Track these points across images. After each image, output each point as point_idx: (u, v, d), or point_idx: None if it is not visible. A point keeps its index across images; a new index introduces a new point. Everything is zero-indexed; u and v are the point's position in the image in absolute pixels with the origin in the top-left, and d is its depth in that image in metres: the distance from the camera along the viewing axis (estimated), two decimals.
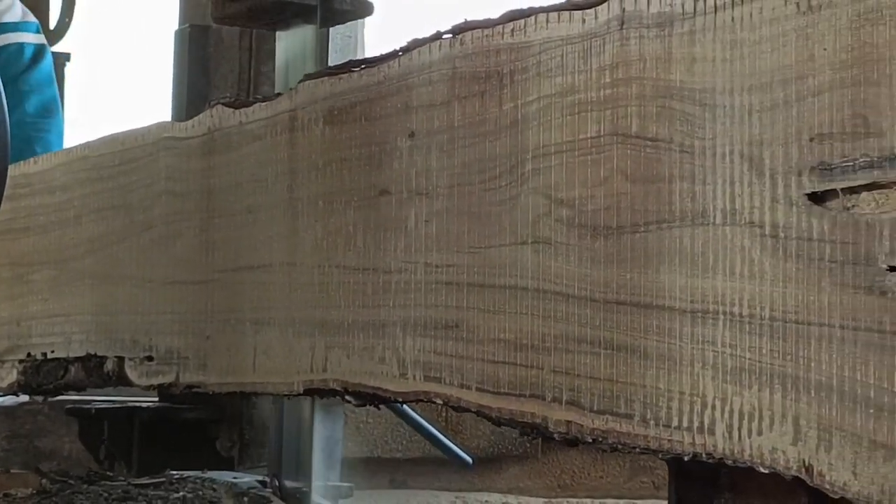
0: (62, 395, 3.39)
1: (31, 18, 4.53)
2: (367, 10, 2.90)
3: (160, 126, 2.78)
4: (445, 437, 3.43)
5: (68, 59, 6.14)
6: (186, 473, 3.13)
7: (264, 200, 2.37)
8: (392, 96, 2.04)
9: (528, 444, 3.97)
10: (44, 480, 3.15)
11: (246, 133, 2.44)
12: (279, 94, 2.38)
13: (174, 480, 3.06)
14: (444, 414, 3.61)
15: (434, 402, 1.96)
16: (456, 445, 3.47)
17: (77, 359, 3.04)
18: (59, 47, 5.95)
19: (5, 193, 2.39)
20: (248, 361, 2.40)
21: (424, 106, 1.97)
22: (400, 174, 2.02)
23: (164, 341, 2.70)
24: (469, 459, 3.51)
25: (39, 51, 4.40)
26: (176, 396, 3.34)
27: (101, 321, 2.94)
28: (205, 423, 3.41)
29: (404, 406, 3.38)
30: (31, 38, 4.35)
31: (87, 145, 3.12)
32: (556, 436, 1.71)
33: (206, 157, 2.57)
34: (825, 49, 1.35)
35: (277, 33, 3.00)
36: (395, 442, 3.81)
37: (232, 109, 2.49)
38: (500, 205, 1.80)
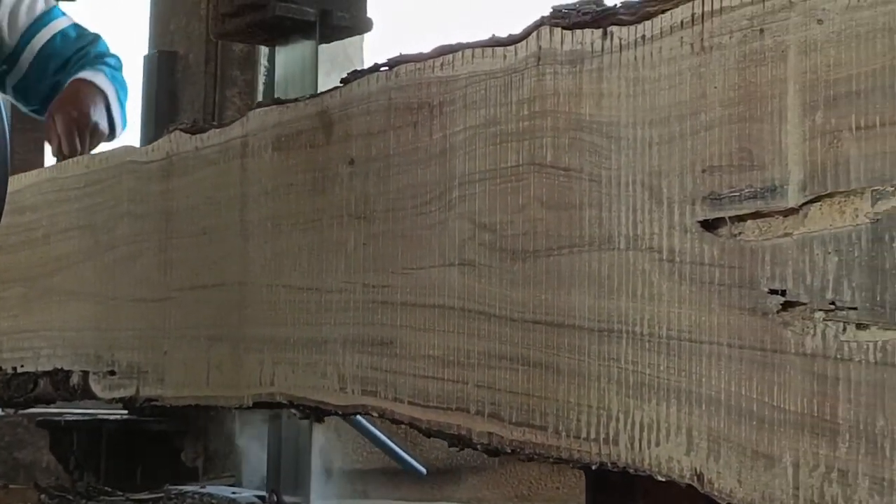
0: (32, 407, 3.45)
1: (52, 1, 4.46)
2: (365, 26, 2.93)
3: (123, 150, 2.86)
4: (400, 448, 3.49)
5: None
6: (185, 488, 3.15)
7: (218, 222, 2.45)
8: (335, 124, 2.12)
9: (486, 456, 4.04)
10: (42, 495, 3.18)
11: (201, 158, 2.51)
12: (232, 121, 2.45)
13: (173, 495, 3.09)
14: (403, 426, 3.67)
15: (371, 415, 2.03)
16: (412, 457, 3.54)
17: (45, 373, 3.11)
18: None
19: None
20: (203, 376, 2.47)
21: (363, 134, 2.04)
22: (341, 199, 2.09)
23: (125, 356, 2.76)
24: (423, 470, 3.57)
25: (76, 27, 4.33)
26: (143, 409, 3.40)
27: (67, 337, 3.01)
28: (170, 435, 3.47)
29: (361, 418, 3.44)
30: (64, 22, 4.30)
31: (56, 167, 3.19)
32: (479, 447, 1.78)
33: (165, 181, 2.64)
34: (716, 87, 1.43)
35: (277, 48, 3.01)
36: (356, 454, 3.88)
37: (189, 135, 2.57)
38: (429, 229, 1.88)
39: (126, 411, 3.65)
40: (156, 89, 3.57)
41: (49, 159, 5.28)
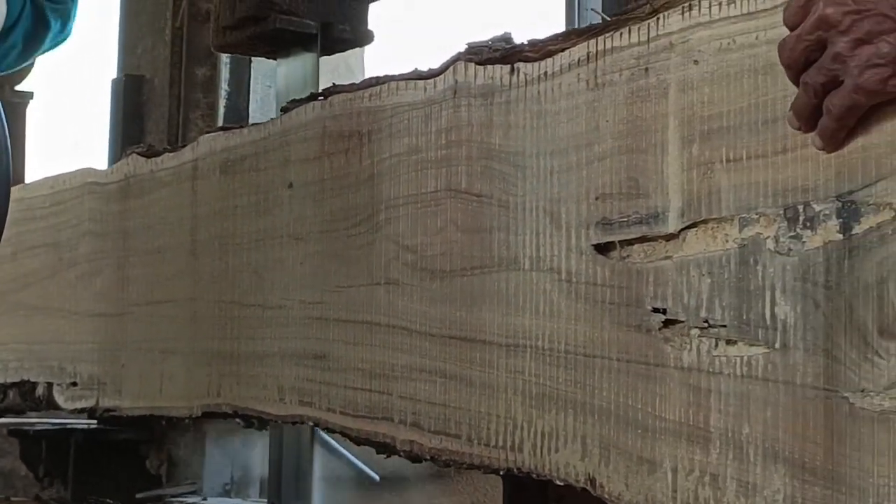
0: (3, 417, 3.51)
1: None
2: (366, 39, 2.90)
3: (85, 171, 2.94)
4: (353, 455, 3.56)
5: (31, 97, 6.26)
6: (187, 500, 3.14)
7: (171, 241, 2.53)
8: (275, 151, 2.20)
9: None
10: None
11: (156, 180, 2.60)
12: (184, 146, 2.53)
13: None
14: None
15: (307, 424, 2.11)
16: (365, 464, 3.61)
17: (13, 384, 3.18)
18: (22, 86, 6.07)
19: None
20: (156, 387, 2.55)
21: (301, 160, 2.13)
22: (281, 220, 2.17)
23: (86, 368, 2.84)
24: (376, 477, 3.64)
25: None
26: (106, 419, 3.47)
27: (33, 350, 3.09)
28: (135, 444, 3.54)
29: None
30: None
31: (23, 187, 3.27)
32: (402, 454, 1.87)
33: (123, 201, 2.72)
34: (607, 120, 1.52)
35: (278, 60, 2.99)
36: (314, 460, 3.93)
37: (145, 158, 2.65)
38: (359, 249, 1.96)
39: (95, 421, 3.71)
40: (123, 112, 3.64)
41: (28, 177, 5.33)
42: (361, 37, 2.89)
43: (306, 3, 2.76)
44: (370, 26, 2.91)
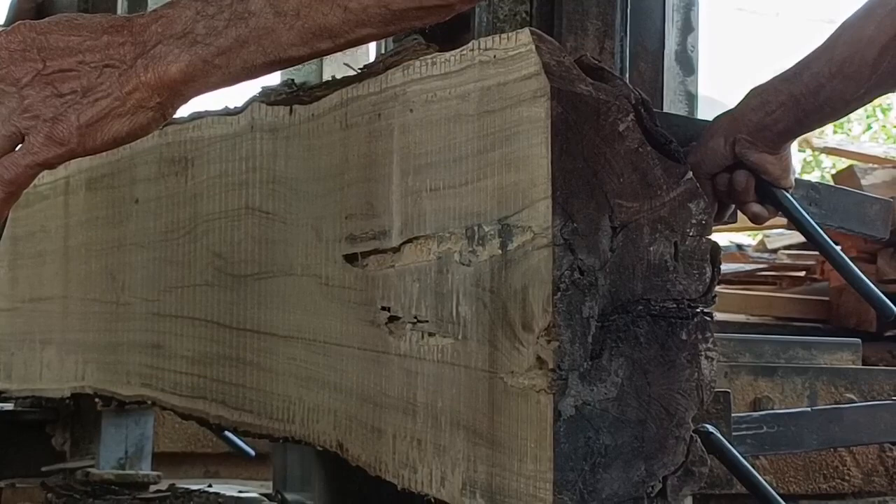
0: None
1: None
2: None
3: None
4: (231, 433, 3.77)
5: None
6: (192, 487, 3.20)
7: (49, 247, 2.75)
8: (126, 171, 2.43)
9: None
10: (49, 494, 3.26)
11: (38, 194, 2.82)
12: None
13: (179, 494, 3.13)
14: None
15: (147, 403, 2.35)
16: (243, 441, 3.82)
17: None
18: None
19: None
20: (37, 373, 2.78)
21: (144, 180, 2.35)
22: (130, 231, 2.40)
23: None
24: (252, 452, 3.84)
25: None
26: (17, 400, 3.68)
27: None
28: (42, 423, 3.73)
29: None
30: None
31: None
32: (214, 427, 2.11)
33: (13, 210, 2.90)
34: (354, 155, 1.76)
35: None
36: (206, 438, 4.15)
37: None
38: (185, 256, 2.19)
39: (10, 403, 3.89)
40: None
41: None
42: None
43: None
44: None
